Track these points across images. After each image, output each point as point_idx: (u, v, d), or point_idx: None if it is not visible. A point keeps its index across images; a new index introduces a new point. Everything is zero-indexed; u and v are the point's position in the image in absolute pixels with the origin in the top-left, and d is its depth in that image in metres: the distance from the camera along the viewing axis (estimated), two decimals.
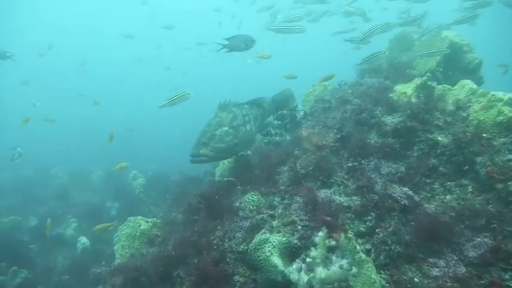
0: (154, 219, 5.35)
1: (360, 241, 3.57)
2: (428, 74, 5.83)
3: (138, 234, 5.04)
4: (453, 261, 3.26)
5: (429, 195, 3.94)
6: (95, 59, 32.62)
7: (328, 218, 3.60)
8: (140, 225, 5.09)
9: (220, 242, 3.90)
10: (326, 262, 3.19)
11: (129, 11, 34.52)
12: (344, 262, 2.93)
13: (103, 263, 6.43)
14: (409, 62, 7.16)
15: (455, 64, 6.64)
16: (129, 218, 5.25)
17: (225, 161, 6.09)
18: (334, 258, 3.11)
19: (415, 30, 7.76)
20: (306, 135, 4.75)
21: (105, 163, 13.75)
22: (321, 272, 3.03)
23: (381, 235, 3.52)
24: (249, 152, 6.14)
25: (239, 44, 5.32)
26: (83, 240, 8.34)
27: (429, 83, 5.47)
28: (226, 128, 5.13)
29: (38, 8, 32.57)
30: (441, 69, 6.50)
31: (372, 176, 4.16)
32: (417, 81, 5.66)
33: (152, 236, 4.99)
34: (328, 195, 4.04)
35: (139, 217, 5.23)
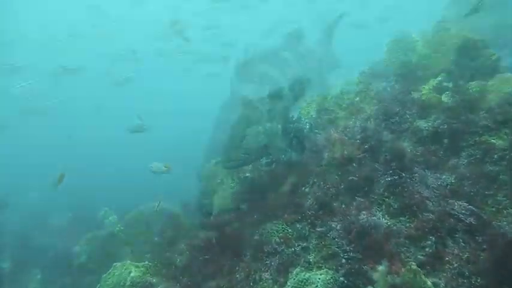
0: (146, 262, 4.60)
1: None
2: (443, 74, 5.49)
3: (128, 283, 4.27)
4: None
5: (493, 209, 3.43)
6: None
7: (386, 245, 3.02)
8: (130, 272, 4.33)
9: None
10: None
11: None
12: None
13: None
14: (417, 63, 6.85)
15: (470, 62, 6.33)
16: (114, 264, 4.50)
17: (226, 186, 5.44)
18: None
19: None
20: (335, 138, 4.21)
21: (67, 200, 12.78)
22: None
23: (455, 265, 2.95)
24: (247, 174, 5.56)
25: None
26: None
27: (445, 84, 5.14)
28: (256, 127, 4.79)
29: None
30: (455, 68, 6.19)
31: (420, 190, 3.62)
32: (433, 82, 5.32)
33: (147, 285, 4.23)
34: (373, 217, 3.46)
35: (128, 261, 4.48)
